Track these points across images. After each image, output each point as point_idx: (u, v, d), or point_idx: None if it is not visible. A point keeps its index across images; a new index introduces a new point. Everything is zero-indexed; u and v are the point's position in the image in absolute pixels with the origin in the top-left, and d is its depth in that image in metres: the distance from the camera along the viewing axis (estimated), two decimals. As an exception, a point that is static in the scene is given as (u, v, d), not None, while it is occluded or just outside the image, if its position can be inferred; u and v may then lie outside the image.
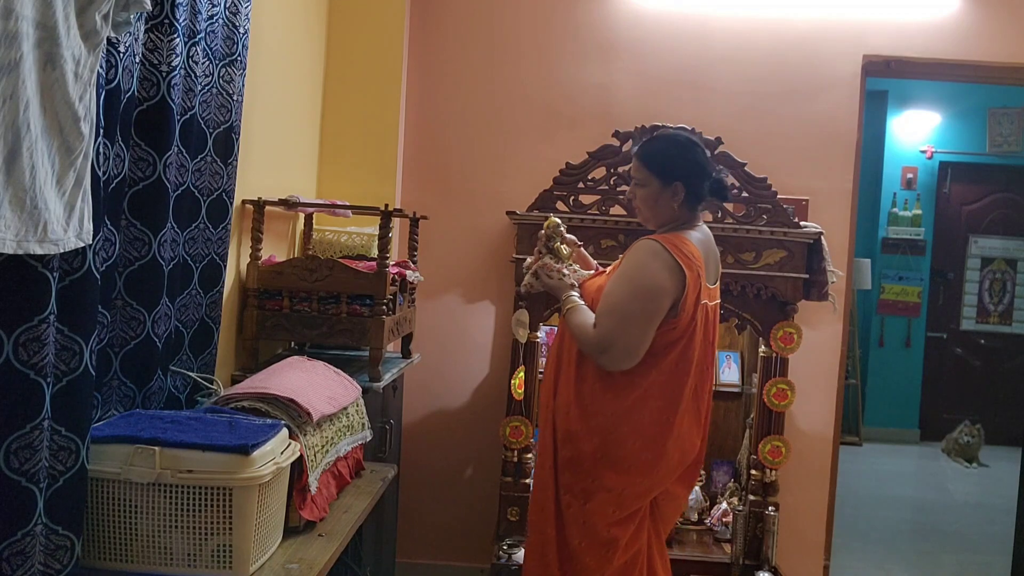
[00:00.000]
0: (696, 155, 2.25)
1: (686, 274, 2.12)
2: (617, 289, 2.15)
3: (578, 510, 2.20)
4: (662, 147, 2.26)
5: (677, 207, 2.22)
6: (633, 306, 2.11)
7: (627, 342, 2.11)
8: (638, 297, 2.11)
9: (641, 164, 2.25)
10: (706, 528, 3.31)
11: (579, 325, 2.20)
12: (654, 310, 2.11)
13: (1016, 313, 6.91)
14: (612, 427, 2.17)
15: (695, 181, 2.21)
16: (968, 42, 3.52)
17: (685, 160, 2.23)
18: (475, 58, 3.60)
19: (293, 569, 1.69)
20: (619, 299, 2.13)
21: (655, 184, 2.22)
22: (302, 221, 3.01)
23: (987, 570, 4.21)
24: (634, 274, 2.14)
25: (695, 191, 2.22)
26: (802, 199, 3.51)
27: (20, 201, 1.28)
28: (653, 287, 2.11)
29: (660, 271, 2.11)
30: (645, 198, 2.25)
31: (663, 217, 2.25)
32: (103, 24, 1.42)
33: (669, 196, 2.21)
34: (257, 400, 1.93)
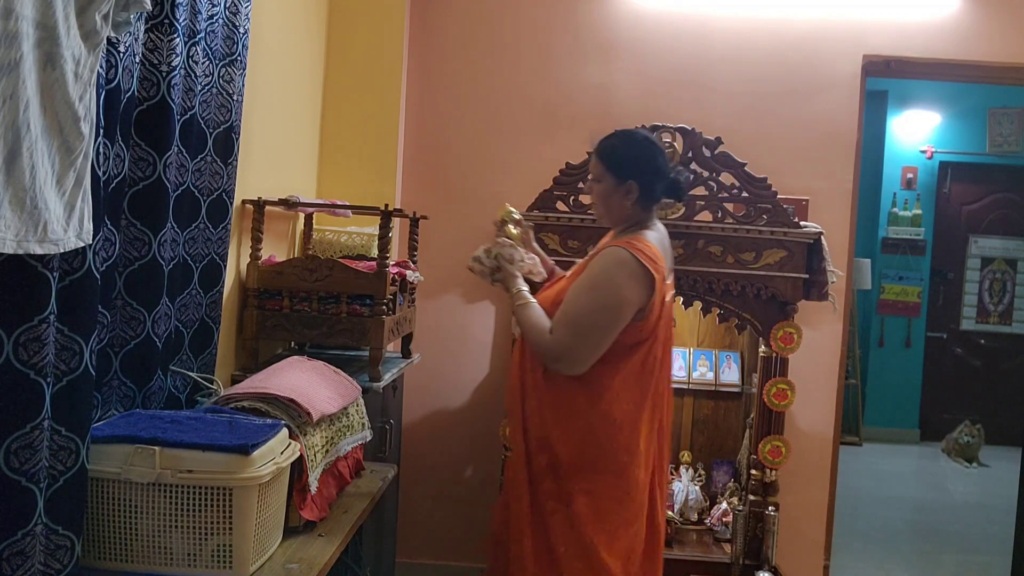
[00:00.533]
0: (652, 155, 2.25)
1: (654, 277, 2.12)
2: (579, 299, 2.13)
3: (563, 516, 2.16)
4: (618, 145, 2.26)
5: (630, 205, 2.22)
6: (593, 319, 2.10)
7: (581, 354, 2.11)
8: (599, 310, 2.10)
9: (598, 160, 2.26)
10: (706, 528, 3.31)
11: (533, 326, 2.18)
12: (614, 323, 2.11)
13: (1016, 313, 6.91)
14: (588, 430, 2.16)
15: (649, 180, 2.21)
16: (968, 42, 3.52)
17: (640, 159, 2.23)
18: (475, 58, 3.60)
19: (293, 569, 1.69)
20: (580, 311, 2.11)
21: (610, 181, 2.23)
22: (302, 221, 3.01)
23: (987, 570, 4.21)
24: (599, 285, 2.12)
25: (648, 191, 2.22)
26: (802, 199, 3.52)
27: (20, 201, 1.28)
28: (616, 301, 2.10)
29: (626, 282, 2.11)
30: (600, 194, 2.26)
31: (616, 215, 2.26)
32: (103, 24, 1.42)
33: (623, 194, 2.21)
34: (257, 400, 1.93)
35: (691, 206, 2.94)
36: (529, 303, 2.23)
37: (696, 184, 2.94)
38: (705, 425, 3.60)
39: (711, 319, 3.48)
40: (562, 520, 2.16)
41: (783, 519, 3.04)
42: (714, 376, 3.52)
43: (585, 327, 2.10)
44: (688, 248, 2.92)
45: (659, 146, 2.28)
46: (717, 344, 3.61)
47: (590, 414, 2.16)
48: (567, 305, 2.14)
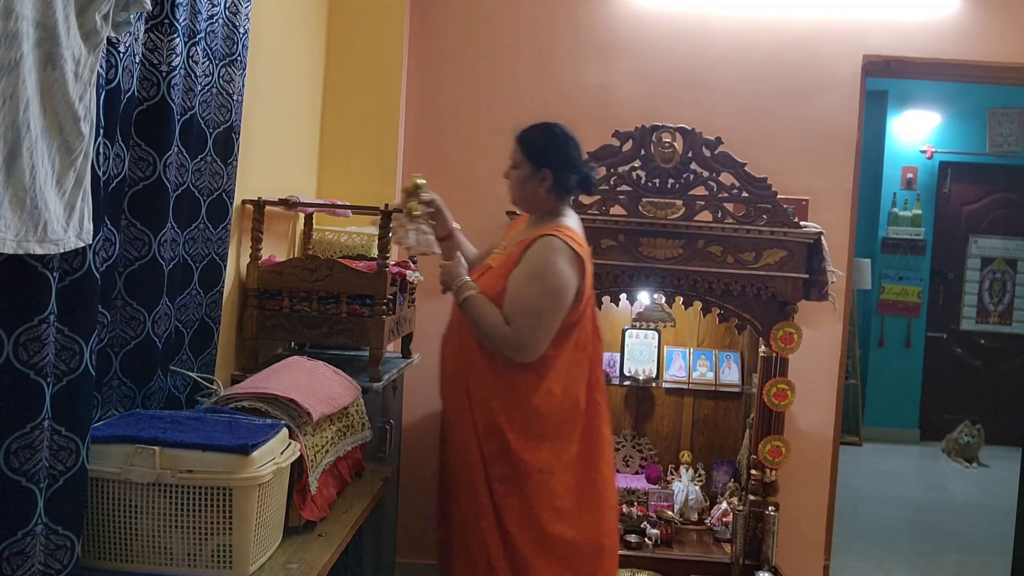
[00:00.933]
0: (568, 148, 2.36)
1: (584, 261, 2.28)
2: (527, 289, 2.23)
3: (517, 499, 2.23)
4: (537, 135, 2.38)
5: (544, 192, 2.33)
6: (545, 305, 2.22)
7: (540, 341, 2.22)
8: (548, 296, 2.22)
9: (517, 147, 2.38)
10: (706, 528, 3.31)
11: (485, 319, 2.25)
12: (562, 307, 2.24)
13: (1016, 313, 6.90)
14: (534, 411, 2.26)
15: (562, 171, 2.33)
16: (968, 42, 3.52)
17: (556, 150, 2.35)
18: (475, 58, 3.60)
19: (293, 569, 1.69)
20: (532, 299, 2.22)
21: (526, 167, 2.34)
22: (302, 221, 3.01)
23: (987, 570, 4.21)
24: (543, 273, 2.23)
25: (562, 181, 2.33)
26: (802, 199, 3.51)
27: (20, 201, 1.28)
28: (562, 285, 2.23)
29: (565, 267, 2.24)
30: (516, 179, 2.37)
31: (531, 200, 2.37)
32: (103, 24, 1.42)
33: (537, 181, 2.33)
34: (257, 400, 1.93)
35: (691, 206, 2.94)
36: (475, 295, 2.30)
37: (696, 184, 2.95)
38: (705, 425, 3.60)
39: (711, 319, 3.48)
40: (516, 504, 2.24)
41: (783, 519, 3.04)
42: (714, 376, 3.52)
43: (540, 314, 2.21)
44: (688, 248, 2.93)
45: (575, 140, 2.39)
46: (717, 344, 3.61)
47: (536, 395, 2.26)
48: (516, 296, 2.23)
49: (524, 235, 2.35)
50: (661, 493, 3.35)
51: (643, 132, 2.94)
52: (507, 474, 2.25)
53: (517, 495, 2.24)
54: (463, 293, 2.30)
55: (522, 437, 2.25)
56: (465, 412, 2.30)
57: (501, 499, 2.24)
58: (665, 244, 2.93)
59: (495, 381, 2.27)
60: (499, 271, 2.32)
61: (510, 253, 2.33)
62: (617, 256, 2.93)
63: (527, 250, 2.27)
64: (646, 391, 3.59)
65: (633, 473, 3.52)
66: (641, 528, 3.16)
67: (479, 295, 2.29)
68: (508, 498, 2.24)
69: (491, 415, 2.26)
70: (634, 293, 3.25)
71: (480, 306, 2.27)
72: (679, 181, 2.95)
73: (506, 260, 2.33)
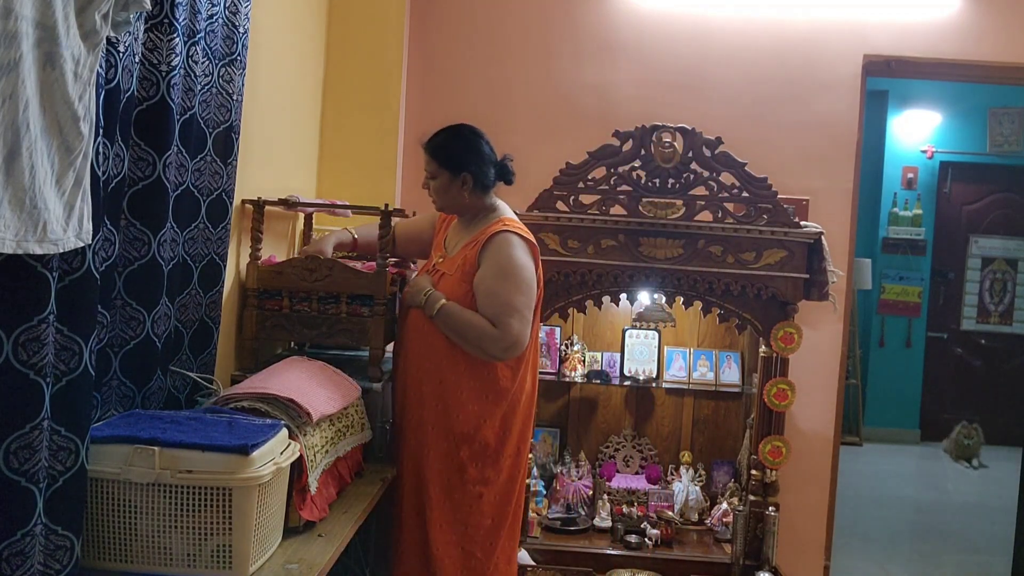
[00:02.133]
0: (479, 146, 2.43)
1: (535, 248, 2.39)
2: (502, 288, 2.29)
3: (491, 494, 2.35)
4: (447, 142, 2.43)
5: (468, 195, 2.40)
6: (522, 299, 2.30)
7: (525, 334, 2.31)
8: (523, 291, 2.31)
9: (431, 157, 2.44)
10: (706, 528, 3.31)
11: (470, 324, 2.30)
12: (534, 297, 2.35)
13: (1017, 313, 6.90)
14: (513, 404, 2.38)
15: (481, 170, 2.40)
16: (968, 42, 3.52)
17: (469, 151, 2.41)
18: (475, 58, 3.60)
19: (293, 569, 1.69)
20: (509, 296, 2.29)
21: (445, 175, 2.41)
22: (302, 221, 3.01)
23: (987, 570, 4.21)
24: (512, 269, 2.31)
25: (482, 178, 2.40)
26: (802, 199, 3.51)
27: (19, 201, 1.27)
28: (530, 277, 2.33)
29: (526, 258, 2.34)
30: (437, 188, 2.43)
31: (458, 204, 2.44)
32: (103, 24, 1.41)
33: (459, 185, 2.39)
34: (257, 400, 1.93)
35: (691, 206, 2.94)
36: (449, 303, 2.33)
37: (696, 184, 2.95)
38: (705, 425, 3.60)
39: (711, 319, 3.48)
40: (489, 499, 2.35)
41: (783, 519, 3.04)
42: (714, 376, 3.52)
43: (520, 309, 2.29)
44: (688, 248, 2.92)
45: (483, 136, 2.45)
46: (717, 344, 3.61)
47: (512, 388, 2.37)
48: (490, 297, 2.29)
49: (467, 236, 2.41)
50: (661, 493, 3.35)
51: (643, 132, 2.94)
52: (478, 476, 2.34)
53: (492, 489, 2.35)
54: (435, 303, 2.33)
55: (500, 430, 2.35)
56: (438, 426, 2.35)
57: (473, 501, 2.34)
58: (665, 244, 2.93)
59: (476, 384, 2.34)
60: (457, 276, 2.36)
61: (464, 257, 2.37)
62: (617, 256, 2.93)
63: (484, 251, 2.33)
64: (646, 391, 3.59)
65: (633, 473, 3.52)
66: (641, 528, 3.16)
67: (452, 303, 2.32)
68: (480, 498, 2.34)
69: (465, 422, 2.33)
70: (634, 293, 3.25)
71: (458, 313, 2.31)
72: (679, 181, 2.94)
73: (463, 264, 2.37)
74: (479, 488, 2.33)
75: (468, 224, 2.46)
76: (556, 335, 3.49)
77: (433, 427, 2.37)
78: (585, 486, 3.37)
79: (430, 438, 2.36)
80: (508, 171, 2.46)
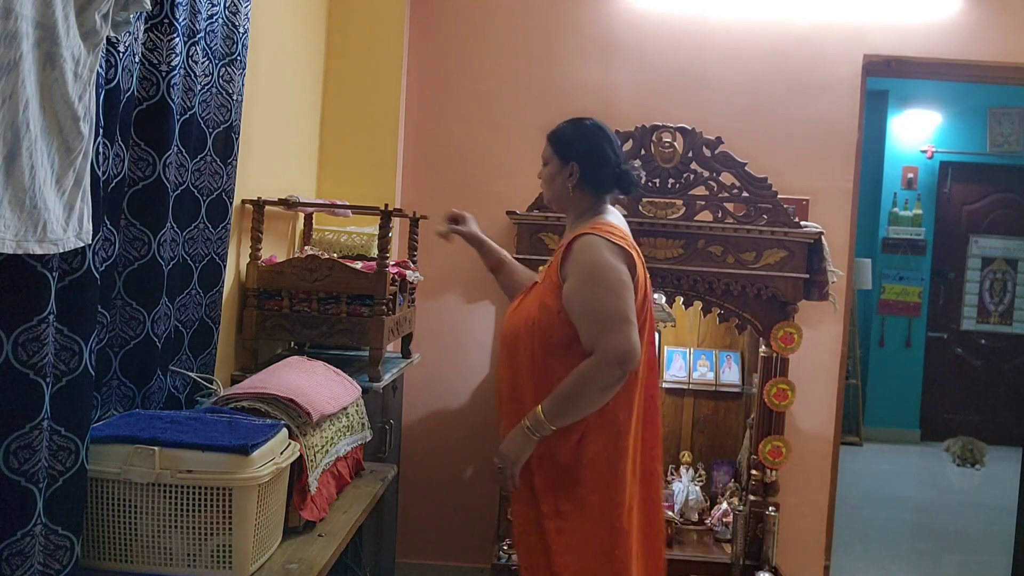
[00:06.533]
0: (598, 140, 2.21)
1: (631, 253, 2.10)
2: (587, 298, 2.03)
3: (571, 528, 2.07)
4: (566, 128, 2.27)
5: (572, 188, 2.19)
6: (618, 303, 2.02)
7: (632, 338, 2.01)
8: (617, 293, 2.03)
9: (548, 142, 2.27)
10: (706, 528, 3.31)
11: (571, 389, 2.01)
12: (627, 297, 2.04)
13: (1017, 313, 6.90)
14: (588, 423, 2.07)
15: (591, 165, 2.18)
16: (968, 42, 3.52)
17: (584, 143, 2.21)
18: (475, 58, 3.60)
19: (293, 569, 1.69)
20: (598, 306, 2.02)
21: (555, 162, 2.22)
22: (302, 221, 3.01)
23: (987, 570, 4.21)
24: (598, 273, 2.04)
25: (591, 176, 2.18)
26: (802, 199, 3.51)
27: (19, 201, 1.27)
28: (621, 278, 2.04)
29: (614, 260, 2.06)
30: (547, 176, 2.25)
31: (561, 197, 2.22)
32: (102, 23, 1.41)
33: (566, 175, 2.19)
34: (257, 400, 1.93)
35: (691, 206, 2.94)
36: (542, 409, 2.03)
37: (696, 184, 2.94)
38: (705, 425, 3.59)
39: (711, 319, 3.48)
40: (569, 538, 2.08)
41: (783, 519, 3.04)
42: (714, 376, 3.52)
43: (617, 317, 2.01)
44: (688, 248, 2.92)
45: (609, 135, 2.25)
46: (717, 344, 3.61)
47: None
48: (576, 315, 2.04)
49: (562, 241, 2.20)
50: (661, 493, 3.35)
51: (643, 132, 2.94)
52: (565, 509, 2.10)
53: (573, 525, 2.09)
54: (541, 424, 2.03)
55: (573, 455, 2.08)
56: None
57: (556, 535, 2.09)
58: (665, 244, 2.93)
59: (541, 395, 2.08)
60: (544, 283, 2.17)
61: (551, 264, 2.19)
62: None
63: (566, 255, 2.09)
64: (646, 391, 3.58)
65: (633, 473, 3.52)
66: (641, 528, 3.16)
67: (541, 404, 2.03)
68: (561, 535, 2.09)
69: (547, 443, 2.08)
70: (634, 293, 3.24)
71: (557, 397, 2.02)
72: (679, 181, 2.94)
73: (548, 273, 2.18)
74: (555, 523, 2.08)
75: (571, 228, 2.22)
76: (556, 335, 3.49)
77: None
78: (585, 486, 3.36)
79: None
80: (629, 180, 2.22)
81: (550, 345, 2.07)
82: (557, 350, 2.06)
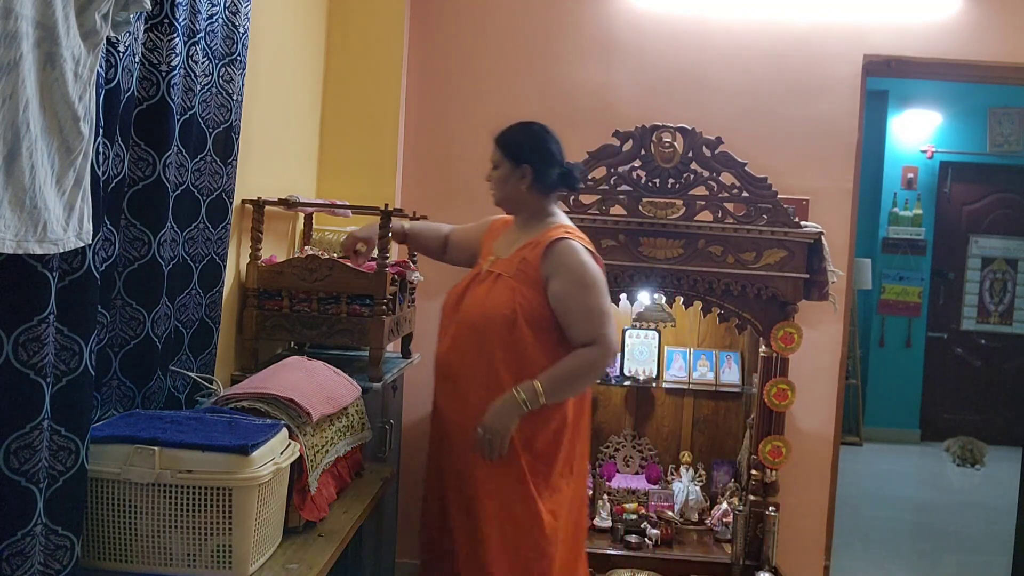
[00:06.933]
0: (546, 143, 2.37)
1: (599, 259, 2.33)
2: (581, 295, 2.23)
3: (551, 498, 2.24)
4: (515, 132, 2.40)
5: (525, 190, 2.34)
6: (605, 304, 2.25)
7: (615, 336, 2.25)
8: (602, 293, 2.26)
9: (496, 147, 2.39)
10: (706, 528, 3.31)
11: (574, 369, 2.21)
12: (608, 298, 2.30)
13: (1017, 313, 6.90)
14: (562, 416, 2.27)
15: (542, 167, 2.33)
16: (969, 42, 3.52)
17: (534, 146, 2.36)
18: (475, 58, 3.60)
19: (293, 569, 1.69)
20: (594, 305, 2.23)
21: (507, 165, 2.35)
22: (302, 221, 3.01)
23: (987, 570, 4.21)
24: (590, 278, 2.25)
25: (542, 177, 2.33)
26: (802, 199, 3.51)
27: (20, 201, 1.27)
28: (602, 280, 2.28)
29: (594, 264, 2.29)
30: (497, 179, 2.38)
31: (513, 200, 2.37)
32: (103, 24, 1.41)
33: (518, 178, 2.33)
34: (257, 400, 1.93)
35: (691, 206, 2.94)
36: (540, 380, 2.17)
37: (696, 184, 2.94)
38: (705, 425, 3.60)
39: (711, 319, 3.48)
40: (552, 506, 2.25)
41: (783, 519, 3.03)
42: (714, 376, 3.52)
43: (609, 314, 2.25)
44: (688, 248, 2.92)
45: (554, 136, 2.40)
46: (717, 344, 3.61)
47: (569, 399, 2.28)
48: (573, 313, 2.22)
49: (524, 238, 2.31)
50: (661, 493, 3.35)
51: (643, 132, 2.94)
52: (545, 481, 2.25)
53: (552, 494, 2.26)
54: (537, 393, 2.16)
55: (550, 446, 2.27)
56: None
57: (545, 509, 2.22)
58: (665, 244, 2.93)
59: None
60: (517, 278, 2.24)
61: (523, 258, 2.26)
62: (617, 256, 2.93)
63: (548, 258, 2.23)
64: (646, 391, 3.59)
65: (633, 473, 3.52)
66: (641, 528, 3.16)
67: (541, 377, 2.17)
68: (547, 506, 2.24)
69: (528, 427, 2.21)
70: (634, 293, 3.24)
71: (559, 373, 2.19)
72: (679, 181, 2.94)
73: (521, 265, 2.25)
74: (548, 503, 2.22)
75: (524, 225, 2.37)
76: (556, 335, 3.49)
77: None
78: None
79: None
80: (574, 177, 2.39)
81: (531, 333, 2.22)
82: (539, 336, 2.23)
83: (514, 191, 2.35)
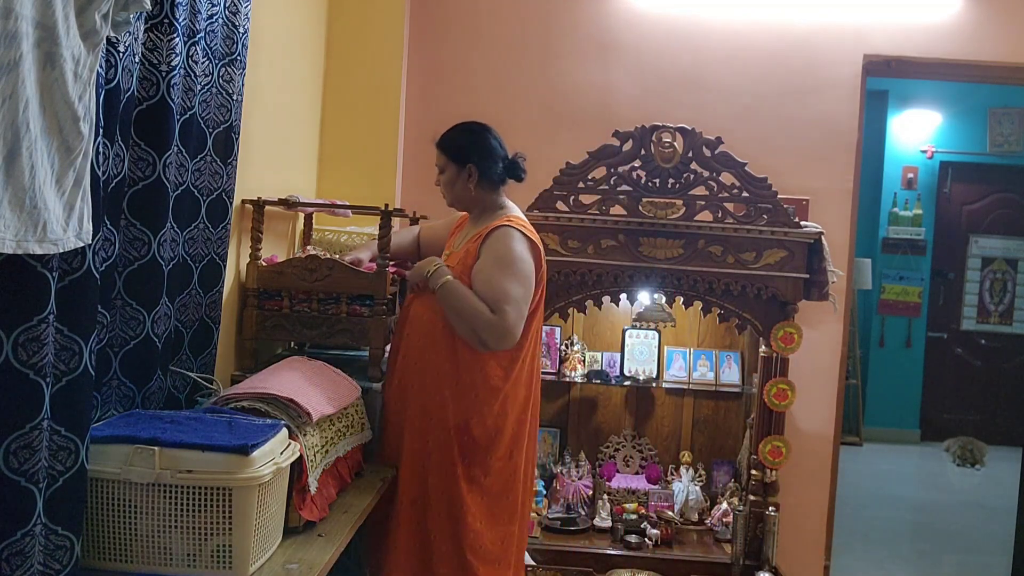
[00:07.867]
0: (486, 140, 2.45)
1: (538, 248, 2.38)
2: (498, 278, 2.27)
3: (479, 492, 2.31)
4: (456, 135, 2.48)
5: (474, 188, 2.42)
6: (520, 291, 2.29)
7: (520, 326, 2.29)
8: (521, 282, 2.29)
9: (439, 151, 2.47)
10: (706, 528, 3.31)
11: (470, 304, 2.27)
12: (531, 292, 2.33)
13: (1016, 313, 6.90)
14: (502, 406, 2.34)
15: (486, 164, 2.41)
16: (968, 42, 3.52)
17: (475, 144, 2.43)
18: (475, 58, 3.60)
19: (293, 569, 1.69)
20: (506, 286, 2.27)
21: (452, 168, 2.43)
22: (302, 221, 3.01)
23: (987, 570, 4.21)
24: (510, 260, 2.30)
25: (488, 173, 2.41)
26: (802, 199, 3.51)
27: (19, 201, 1.27)
28: (529, 271, 2.32)
29: (526, 253, 2.33)
30: (445, 182, 2.46)
31: (465, 199, 2.45)
32: (103, 23, 1.41)
33: (465, 178, 2.42)
34: (257, 400, 1.93)
35: (691, 206, 2.94)
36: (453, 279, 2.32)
37: (696, 184, 2.95)
38: (705, 425, 3.60)
39: (711, 319, 3.48)
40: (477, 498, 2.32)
41: (783, 519, 3.04)
42: (714, 376, 3.52)
43: (517, 300, 2.27)
44: (688, 248, 2.92)
45: (493, 131, 2.47)
46: (717, 344, 3.61)
47: (504, 388, 2.33)
48: (487, 286, 2.28)
49: (472, 232, 2.42)
50: (661, 493, 3.35)
51: (643, 132, 2.94)
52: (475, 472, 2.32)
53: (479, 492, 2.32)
54: (442, 277, 2.32)
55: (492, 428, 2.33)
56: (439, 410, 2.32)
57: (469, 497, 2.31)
58: (665, 244, 2.93)
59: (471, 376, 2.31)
60: (458, 270, 2.36)
61: (467, 251, 2.38)
62: (617, 256, 2.93)
63: (484, 243, 2.33)
64: (646, 391, 3.59)
65: (633, 473, 3.52)
66: (641, 528, 3.16)
67: (457, 281, 2.32)
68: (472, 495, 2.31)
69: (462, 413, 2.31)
70: (634, 293, 3.25)
71: (462, 291, 2.30)
72: (679, 181, 2.95)
73: (464, 257, 2.37)
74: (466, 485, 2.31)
75: (476, 220, 2.47)
76: (556, 335, 3.50)
77: (434, 417, 2.34)
78: (585, 486, 3.37)
79: (432, 427, 2.34)
80: (518, 168, 2.46)
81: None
82: None
83: (463, 191, 2.43)
